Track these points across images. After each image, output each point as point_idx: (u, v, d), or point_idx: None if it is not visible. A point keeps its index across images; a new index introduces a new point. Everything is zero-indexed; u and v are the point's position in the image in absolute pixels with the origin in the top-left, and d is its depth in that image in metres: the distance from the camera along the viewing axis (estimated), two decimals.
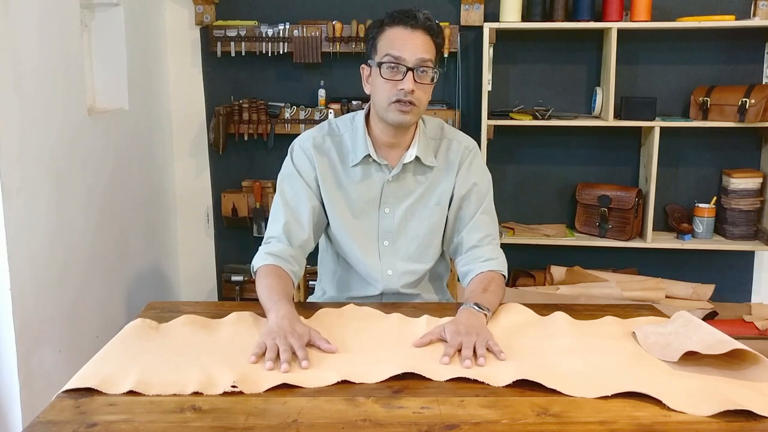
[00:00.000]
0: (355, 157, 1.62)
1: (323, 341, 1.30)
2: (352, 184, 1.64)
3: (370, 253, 1.66)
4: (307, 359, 1.22)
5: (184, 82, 3.03)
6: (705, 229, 2.87)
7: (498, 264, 1.62)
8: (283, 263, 1.54)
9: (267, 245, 1.60)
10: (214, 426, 1.03)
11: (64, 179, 2.11)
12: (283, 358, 1.21)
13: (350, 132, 1.65)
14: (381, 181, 1.63)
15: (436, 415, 1.06)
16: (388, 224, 1.65)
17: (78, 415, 1.05)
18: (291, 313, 1.36)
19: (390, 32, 1.52)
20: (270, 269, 1.52)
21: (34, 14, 1.94)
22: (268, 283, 1.48)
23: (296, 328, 1.30)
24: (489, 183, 1.73)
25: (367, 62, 1.58)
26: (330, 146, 1.65)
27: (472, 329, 1.32)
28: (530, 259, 3.06)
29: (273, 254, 1.55)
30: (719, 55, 2.90)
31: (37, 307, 1.94)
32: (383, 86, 1.52)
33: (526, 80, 2.97)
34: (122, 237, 2.56)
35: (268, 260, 1.54)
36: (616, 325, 1.43)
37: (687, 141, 2.95)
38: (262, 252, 1.58)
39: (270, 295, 1.43)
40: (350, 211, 1.65)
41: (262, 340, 1.27)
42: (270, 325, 1.33)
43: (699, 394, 1.11)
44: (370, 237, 1.66)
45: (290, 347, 1.24)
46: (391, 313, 1.48)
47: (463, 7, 2.87)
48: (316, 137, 1.66)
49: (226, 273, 3.08)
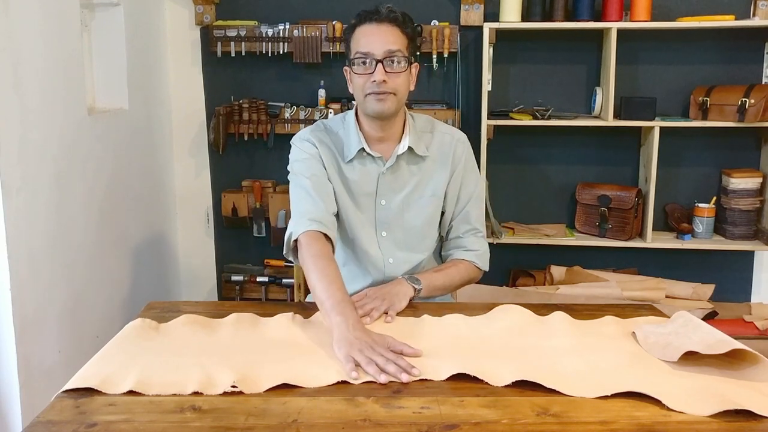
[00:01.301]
0: (350, 152, 1.66)
1: (405, 345, 1.27)
2: (351, 177, 1.67)
3: (370, 242, 1.70)
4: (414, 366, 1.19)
5: (184, 82, 3.03)
6: (705, 229, 2.87)
7: (475, 255, 1.72)
8: (326, 229, 1.53)
9: (305, 213, 1.56)
10: (214, 426, 1.03)
11: (64, 179, 2.11)
12: (392, 370, 1.17)
13: (343, 130, 1.70)
14: (376, 173, 1.67)
15: (436, 415, 1.06)
16: (385, 215, 1.70)
17: (78, 415, 1.05)
18: (358, 320, 1.33)
19: (358, 31, 1.60)
20: (315, 236, 1.51)
21: (34, 14, 1.94)
22: (323, 266, 1.44)
23: (374, 337, 1.27)
24: (479, 176, 1.81)
25: (347, 58, 1.64)
26: (329, 141, 1.69)
27: (382, 295, 1.51)
28: (530, 259, 3.06)
29: (315, 219, 1.54)
30: (719, 55, 2.90)
31: (37, 307, 1.94)
32: (358, 81, 1.59)
33: (526, 80, 2.97)
34: (122, 237, 2.56)
35: (313, 226, 1.52)
36: (616, 325, 1.43)
37: (687, 141, 2.95)
38: (301, 219, 1.55)
39: (330, 289, 1.38)
40: (352, 202, 1.68)
41: (348, 354, 1.22)
42: (342, 334, 1.27)
43: (699, 394, 1.11)
44: (369, 228, 1.70)
45: (390, 361, 1.20)
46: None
47: (463, 7, 2.87)
48: (314, 131, 1.70)
49: (226, 273, 3.08)
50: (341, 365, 1.21)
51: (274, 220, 2.97)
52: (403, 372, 1.17)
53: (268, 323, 1.41)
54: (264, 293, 3.03)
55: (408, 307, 1.55)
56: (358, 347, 1.23)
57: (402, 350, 1.26)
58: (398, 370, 1.17)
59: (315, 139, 1.68)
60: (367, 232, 1.70)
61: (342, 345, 1.25)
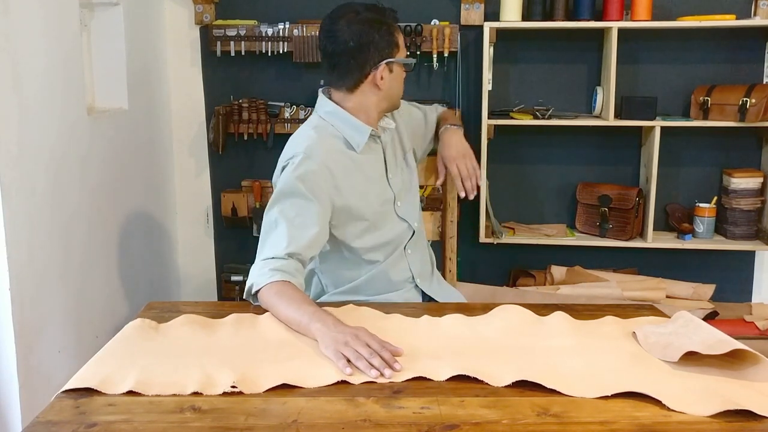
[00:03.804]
0: (362, 139, 1.68)
1: (387, 343, 1.27)
2: (366, 164, 1.70)
3: (393, 224, 1.75)
4: (396, 361, 1.21)
5: (184, 81, 3.03)
6: (705, 228, 2.87)
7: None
8: (291, 278, 1.47)
9: (268, 261, 1.50)
10: (214, 426, 1.03)
11: (63, 179, 2.10)
12: (377, 364, 1.19)
13: (339, 125, 1.69)
14: (380, 151, 1.75)
15: (436, 415, 1.06)
16: (397, 185, 1.77)
17: (77, 415, 1.05)
18: (337, 321, 1.32)
19: (396, 32, 1.66)
20: (281, 285, 1.44)
21: (33, 14, 1.94)
22: (288, 295, 1.40)
23: (356, 331, 1.27)
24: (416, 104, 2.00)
25: (380, 58, 1.64)
26: (332, 141, 1.68)
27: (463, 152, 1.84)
28: (530, 259, 3.06)
29: (279, 270, 1.46)
30: (720, 54, 2.90)
31: (36, 307, 1.94)
32: (401, 77, 1.71)
33: (527, 80, 2.97)
34: (121, 237, 2.56)
35: (275, 276, 1.45)
36: (616, 325, 1.43)
37: (687, 141, 2.95)
38: (264, 268, 1.48)
39: (301, 308, 1.36)
40: (372, 191, 1.71)
41: (337, 350, 1.22)
42: (325, 335, 1.27)
43: (699, 394, 1.11)
44: (389, 205, 1.75)
45: (374, 352, 1.21)
46: (391, 313, 1.48)
47: (463, 6, 2.87)
48: (317, 140, 1.66)
49: (226, 273, 3.08)
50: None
51: None
52: (387, 367, 1.18)
53: (267, 323, 1.41)
54: None
55: (408, 307, 1.55)
56: (343, 341, 1.24)
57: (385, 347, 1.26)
58: (382, 365, 1.19)
59: (323, 153, 1.63)
60: (387, 210, 1.74)
61: (328, 344, 1.26)
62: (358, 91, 1.67)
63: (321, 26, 1.67)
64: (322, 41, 1.66)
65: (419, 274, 1.81)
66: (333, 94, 1.72)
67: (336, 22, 1.62)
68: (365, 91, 1.67)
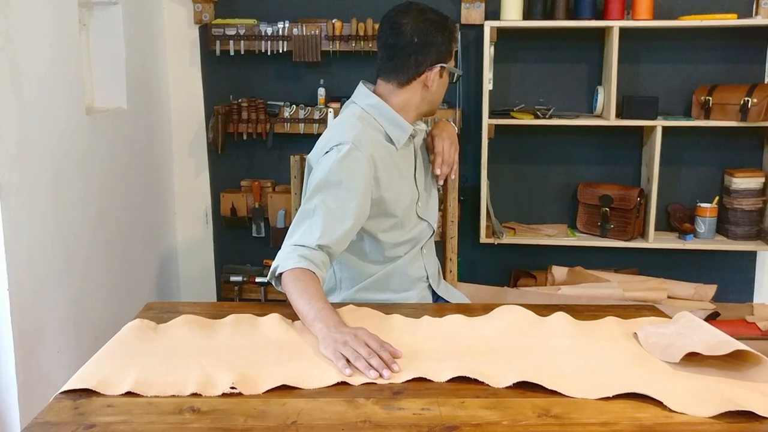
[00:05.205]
0: (403, 136, 1.69)
1: (387, 344, 1.27)
2: (400, 163, 1.71)
3: (414, 223, 1.76)
4: (394, 362, 1.21)
5: (183, 81, 3.03)
6: (707, 229, 2.86)
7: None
8: (316, 269, 1.47)
9: (297, 248, 1.50)
10: (213, 427, 1.02)
11: (62, 179, 2.10)
12: (376, 364, 1.18)
13: (381, 119, 1.69)
14: (412, 151, 1.76)
15: (436, 416, 1.05)
16: (421, 185, 1.78)
17: (76, 416, 1.05)
18: (339, 322, 1.32)
19: (455, 42, 1.71)
20: (302, 273, 1.44)
21: (32, 13, 1.94)
22: (303, 285, 1.41)
23: (355, 331, 1.27)
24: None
25: (437, 61, 1.66)
26: (375, 133, 1.67)
27: (450, 137, 1.80)
28: (531, 260, 3.05)
29: (306, 258, 1.46)
30: (721, 54, 2.89)
31: (35, 308, 1.94)
32: (445, 88, 1.74)
33: (527, 79, 2.97)
34: (121, 237, 2.55)
35: (301, 263, 1.44)
36: (617, 326, 1.43)
37: (689, 140, 2.95)
38: (292, 253, 1.48)
39: (311, 302, 1.36)
40: (403, 189, 1.72)
41: (336, 351, 1.22)
42: (325, 335, 1.27)
43: (700, 395, 1.11)
44: (413, 204, 1.75)
45: (373, 352, 1.21)
46: (391, 313, 1.47)
47: (464, 5, 2.86)
48: (362, 130, 1.64)
49: (225, 273, 3.08)
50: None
51: (273, 220, 2.96)
52: (385, 368, 1.18)
53: (266, 323, 1.40)
54: (263, 294, 3.02)
55: (408, 307, 1.54)
56: (342, 341, 1.24)
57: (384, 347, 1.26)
58: (381, 365, 1.18)
59: (369, 146, 1.62)
60: (413, 216, 1.75)
61: (327, 344, 1.25)
62: (408, 87, 1.67)
63: (385, 17, 1.68)
64: (386, 32, 1.66)
65: (432, 275, 1.83)
66: (379, 87, 1.71)
67: (404, 16, 1.64)
68: (415, 89, 1.67)
